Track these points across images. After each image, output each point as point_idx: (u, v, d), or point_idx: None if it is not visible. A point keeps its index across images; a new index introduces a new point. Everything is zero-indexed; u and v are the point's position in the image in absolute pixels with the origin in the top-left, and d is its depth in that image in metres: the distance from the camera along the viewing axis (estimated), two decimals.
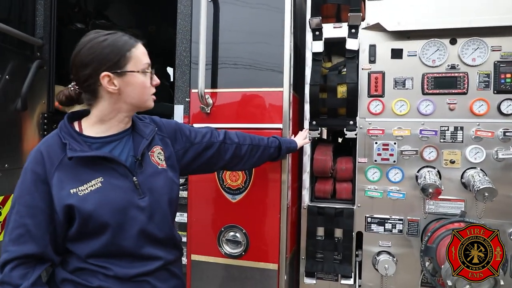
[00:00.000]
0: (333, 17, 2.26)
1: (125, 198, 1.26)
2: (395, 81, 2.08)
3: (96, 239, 1.24)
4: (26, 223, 1.18)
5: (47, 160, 1.21)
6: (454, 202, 2.02)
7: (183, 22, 2.28)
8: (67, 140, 1.22)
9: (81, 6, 4.03)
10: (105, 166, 1.25)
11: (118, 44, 1.25)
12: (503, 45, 1.97)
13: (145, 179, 1.31)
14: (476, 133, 1.97)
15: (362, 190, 2.11)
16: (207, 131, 1.67)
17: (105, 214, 1.22)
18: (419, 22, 2.03)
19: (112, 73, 1.23)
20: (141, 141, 1.35)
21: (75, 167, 1.22)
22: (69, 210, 1.20)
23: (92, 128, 1.29)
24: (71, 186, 1.20)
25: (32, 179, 1.20)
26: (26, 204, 1.19)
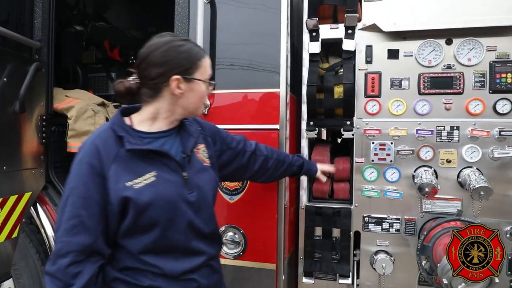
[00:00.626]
0: (329, 18, 2.27)
1: (176, 192, 1.31)
2: (391, 81, 2.09)
3: (148, 234, 1.28)
4: (81, 214, 1.21)
5: (103, 153, 1.24)
6: (451, 201, 2.03)
7: (180, 24, 2.28)
8: (123, 134, 1.27)
9: (79, 9, 4.05)
10: (158, 160, 1.30)
11: (193, 52, 1.34)
12: (498, 45, 1.98)
13: (193, 175, 1.37)
14: (472, 133, 1.98)
15: (359, 190, 2.12)
16: (241, 139, 1.76)
17: (159, 208, 1.26)
18: (415, 23, 2.04)
19: (182, 77, 1.31)
20: (188, 139, 1.41)
21: (130, 160, 1.26)
22: (125, 202, 1.23)
23: (142, 124, 1.35)
24: (127, 179, 1.24)
25: (89, 172, 1.22)
26: (81, 195, 1.21)
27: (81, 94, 3.02)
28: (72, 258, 1.19)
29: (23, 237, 2.54)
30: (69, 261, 1.18)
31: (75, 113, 2.72)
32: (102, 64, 3.96)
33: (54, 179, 2.68)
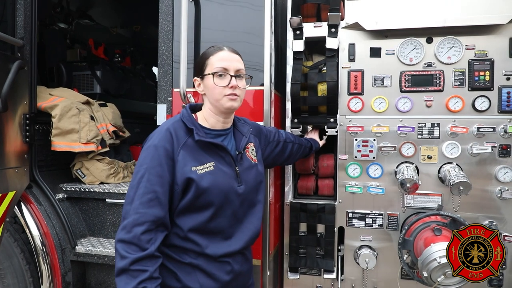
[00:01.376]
0: (313, 16, 2.30)
1: (229, 183, 1.51)
2: (374, 79, 2.13)
3: (201, 213, 1.47)
4: (157, 190, 1.39)
5: (175, 140, 1.45)
6: (432, 196, 2.08)
7: (165, 22, 2.29)
8: (193, 126, 1.48)
9: (63, 6, 4.00)
10: (217, 153, 1.52)
11: (206, 53, 1.55)
12: (477, 44, 2.03)
13: (242, 170, 1.58)
14: (452, 129, 2.03)
15: (343, 186, 2.16)
16: (275, 131, 1.94)
17: (214, 193, 1.46)
18: (396, 21, 2.08)
19: (199, 78, 1.55)
20: (241, 138, 1.62)
21: (196, 150, 1.47)
22: (188, 183, 1.43)
23: (203, 121, 1.58)
24: (192, 164, 1.45)
25: (164, 154, 1.41)
26: (157, 174, 1.39)
27: (65, 93, 2.98)
28: (147, 226, 1.35)
29: (7, 237, 2.51)
30: (144, 229, 1.35)
31: (59, 112, 2.69)
32: (87, 62, 3.93)
33: (39, 178, 2.65)
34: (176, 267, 1.48)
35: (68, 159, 2.95)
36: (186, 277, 1.47)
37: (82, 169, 2.89)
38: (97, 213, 2.80)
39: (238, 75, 1.53)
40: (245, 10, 2.16)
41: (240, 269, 1.60)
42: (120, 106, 3.48)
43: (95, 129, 2.89)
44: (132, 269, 1.31)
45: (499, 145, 2.00)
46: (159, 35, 2.30)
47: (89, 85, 3.83)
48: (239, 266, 1.59)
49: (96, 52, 4.37)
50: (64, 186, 2.81)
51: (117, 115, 3.29)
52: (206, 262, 1.49)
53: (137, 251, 1.33)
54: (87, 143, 2.81)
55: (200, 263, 1.48)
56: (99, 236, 2.79)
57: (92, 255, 2.57)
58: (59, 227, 2.61)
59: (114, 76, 4.16)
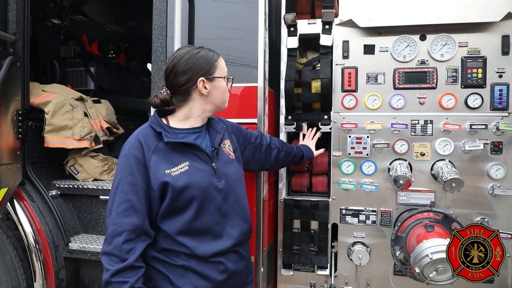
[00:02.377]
0: (307, 13, 2.30)
1: (207, 179, 1.51)
2: (367, 76, 2.13)
3: (183, 214, 1.48)
4: (131, 198, 1.40)
5: (145, 146, 1.46)
6: (424, 193, 2.09)
7: (158, 18, 2.27)
8: (161, 130, 1.49)
9: (56, 2, 3.96)
10: (191, 152, 1.52)
11: (209, 55, 1.56)
12: (470, 41, 2.04)
13: (220, 165, 1.58)
14: (445, 126, 2.04)
15: (337, 183, 2.17)
16: (258, 134, 1.94)
17: (191, 191, 1.47)
18: (390, 19, 2.08)
19: (205, 79, 1.53)
20: (216, 135, 1.63)
21: (167, 152, 1.48)
22: (164, 187, 1.44)
23: (177, 123, 1.58)
24: (165, 167, 1.45)
25: (134, 162, 1.43)
26: (129, 183, 1.41)
27: (58, 89, 2.96)
28: (126, 236, 1.38)
29: None
30: (123, 239, 1.37)
31: (52, 108, 2.67)
32: (81, 59, 3.90)
33: (31, 174, 2.63)
34: (169, 271, 1.49)
35: (61, 155, 2.93)
36: (179, 279, 1.48)
37: (75, 165, 2.88)
38: (90, 209, 2.79)
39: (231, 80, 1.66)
40: (239, 7, 2.16)
41: (235, 267, 1.59)
42: (114, 103, 3.46)
43: (89, 126, 2.87)
44: (114, 281, 1.35)
45: (491, 142, 2.01)
46: (153, 31, 2.29)
47: (83, 81, 3.80)
48: (233, 265, 1.58)
49: (90, 48, 4.34)
50: (57, 183, 2.79)
51: (111, 112, 3.27)
52: (198, 263, 1.50)
53: (118, 262, 1.36)
54: (81, 140, 2.79)
55: (192, 264, 1.49)
56: (92, 233, 2.79)
57: (86, 251, 2.56)
58: (52, 224, 2.60)
59: (108, 72, 4.13)
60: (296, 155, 2.07)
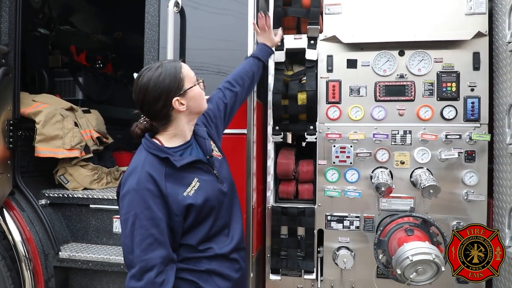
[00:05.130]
0: (293, 29, 2.42)
1: (215, 188, 1.56)
2: (350, 89, 2.25)
3: (203, 225, 1.51)
4: (153, 232, 1.38)
5: (156, 177, 1.42)
6: (405, 199, 2.21)
7: (150, 32, 2.35)
8: (165, 155, 1.46)
9: (45, 12, 3.99)
10: (194, 167, 1.53)
11: (171, 71, 1.49)
12: (444, 57, 2.19)
13: (218, 170, 1.62)
14: (422, 136, 2.17)
15: (322, 190, 2.27)
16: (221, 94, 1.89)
17: (210, 203, 1.51)
18: (371, 35, 2.22)
19: (179, 96, 1.48)
20: (204, 142, 1.63)
21: (176, 175, 1.47)
22: (188, 209, 1.45)
23: (170, 141, 1.54)
24: (182, 190, 1.46)
25: (149, 195, 1.39)
26: (147, 217, 1.38)
27: (48, 99, 3.00)
28: (157, 270, 1.36)
29: None
30: (155, 273, 1.35)
31: (43, 118, 2.71)
32: (69, 69, 3.93)
33: (21, 184, 2.65)
34: (196, 276, 1.51)
35: (51, 165, 2.95)
36: (205, 284, 1.51)
37: (65, 175, 2.91)
38: (80, 218, 2.81)
39: None
40: (229, 21, 2.26)
41: (244, 265, 1.68)
42: (102, 112, 3.50)
43: (79, 135, 2.91)
44: None
45: (465, 151, 2.15)
46: (145, 44, 2.36)
47: (71, 91, 3.83)
48: (244, 262, 1.66)
49: (78, 58, 4.37)
50: (47, 192, 2.81)
51: (100, 122, 3.31)
52: (219, 264, 1.54)
53: None
54: (71, 149, 2.83)
55: (215, 267, 1.53)
56: (82, 242, 2.80)
57: (76, 260, 2.59)
58: (42, 233, 2.62)
59: (96, 82, 4.17)
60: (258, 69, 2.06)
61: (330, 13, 2.27)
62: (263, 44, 2.11)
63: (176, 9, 2.15)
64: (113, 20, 5.17)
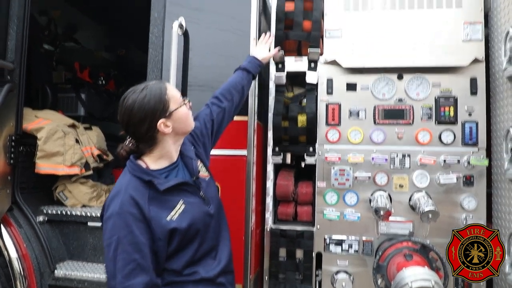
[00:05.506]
0: (294, 51, 2.46)
1: (201, 210, 1.54)
2: (350, 112, 2.28)
3: (188, 249, 1.48)
4: (135, 258, 1.35)
5: (140, 200, 1.40)
6: (403, 223, 2.20)
7: (154, 52, 2.40)
8: (149, 178, 1.44)
9: (51, 29, 4.07)
10: (180, 189, 1.50)
11: (156, 93, 1.47)
12: (442, 82, 2.23)
13: (205, 191, 1.59)
14: (421, 160, 2.18)
15: (321, 213, 2.26)
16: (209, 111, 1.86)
17: (195, 226, 1.48)
18: (370, 60, 2.26)
19: (164, 118, 1.46)
20: (191, 162, 1.60)
21: (161, 198, 1.45)
22: (171, 233, 1.43)
23: (156, 163, 1.52)
24: (166, 214, 1.43)
25: (132, 219, 1.37)
26: (130, 242, 1.36)
27: (51, 115, 3.02)
28: None
29: None
30: None
31: (45, 134, 2.73)
32: (72, 85, 3.97)
33: (20, 200, 2.65)
34: None
35: (51, 181, 2.96)
36: None
37: (64, 191, 2.91)
38: (77, 236, 2.80)
39: None
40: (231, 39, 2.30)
41: None
42: (104, 129, 3.52)
43: (80, 152, 2.92)
44: None
45: (464, 176, 2.16)
46: (148, 64, 2.41)
47: (74, 107, 3.86)
48: (231, 287, 1.63)
49: (81, 75, 4.42)
50: (45, 209, 2.81)
51: (101, 139, 3.33)
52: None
53: None
54: (71, 166, 2.84)
55: None
56: (78, 260, 2.78)
57: (71, 279, 2.56)
58: (39, 250, 2.60)
59: (98, 99, 4.21)
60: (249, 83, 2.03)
61: (331, 37, 2.32)
62: (252, 56, 2.11)
63: (180, 31, 2.19)
64: (117, 38, 5.26)
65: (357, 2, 2.31)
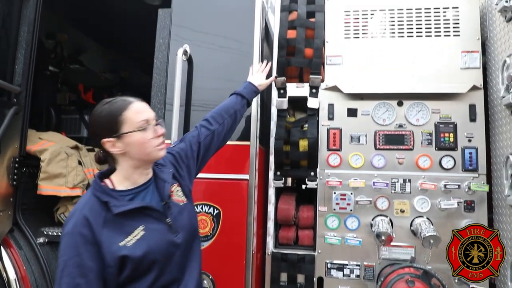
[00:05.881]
0: (296, 77, 2.51)
1: (164, 239, 1.41)
2: (351, 137, 2.31)
3: (145, 278, 1.36)
4: (79, 282, 1.26)
5: (93, 221, 1.31)
6: (405, 249, 2.20)
7: (158, 77, 2.45)
8: (106, 199, 1.35)
9: (57, 52, 4.15)
10: (143, 214, 1.39)
11: (112, 111, 1.39)
12: (441, 108, 2.27)
13: (174, 218, 1.46)
14: (422, 186, 2.20)
15: (322, 237, 2.26)
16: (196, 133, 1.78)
17: (151, 256, 1.35)
18: (371, 86, 2.31)
19: (111, 138, 1.37)
20: (164, 186, 1.48)
21: (118, 221, 1.34)
22: (123, 261, 1.31)
23: (122, 183, 1.42)
24: (119, 239, 1.32)
25: (81, 241, 1.28)
26: (76, 264, 1.26)
27: (54, 137, 3.05)
28: None
29: None
30: None
31: (49, 156, 2.75)
32: (76, 106, 4.02)
33: (21, 221, 2.64)
34: None
35: (52, 202, 2.96)
36: None
37: (66, 213, 2.90)
38: None
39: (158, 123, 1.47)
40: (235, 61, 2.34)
41: None
42: None
43: (82, 174, 2.94)
44: None
45: (464, 201, 2.17)
46: (152, 88, 2.45)
47: (77, 128, 3.89)
48: None
49: (85, 96, 4.48)
50: (46, 230, 2.79)
51: None
52: None
53: None
54: (73, 188, 2.84)
55: None
56: None
57: None
58: (38, 273, 2.58)
59: None
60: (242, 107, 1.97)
61: (332, 64, 2.38)
62: (249, 82, 2.07)
63: (184, 57, 2.25)
64: (121, 59, 5.36)
65: (358, 31, 2.38)
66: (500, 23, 2.18)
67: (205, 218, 2.19)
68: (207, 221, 2.18)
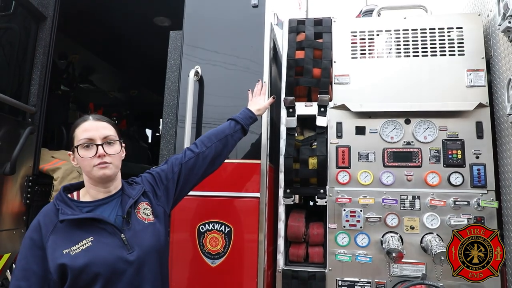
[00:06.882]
0: (304, 96, 2.56)
1: (113, 253, 1.40)
2: (359, 154, 2.34)
3: None
4: (20, 285, 1.32)
5: (43, 227, 1.38)
6: (416, 265, 2.20)
7: (170, 97, 2.51)
8: (60, 206, 1.41)
9: (69, 72, 4.26)
10: (95, 226, 1.42)
11: (72, 127, 1.53)
12: (449, 126, 2.30)
13: (132, 235, 1.46)
14: (431, 202, 2.21)
15: (333, 254, 2.27)
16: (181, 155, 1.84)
17: (94, 269, 1.35)
18: (378, 105, 2.35)
19: (70, 151, 1.52)
20: (127, 201, 1.52)
21: (69, 230, 1.38)
22: (62, 269, 1.34)
23: (85, 196, 1.52)
24: (64, 247, 1.36)
25: (29, 245, 1.36)
26: (21, 268, 1.34)
27: (66, 155, 3.10)
28: None
29: None
30: None
31: (61, 175, 2.80)
32: None
33: None
34: None
35: None
36: None
37: None
38: None
39: (107, 142, 1.49)
40: (245, 91, 2.40)
41: None
42: None
43: None
44: None
45: (474, 217, 2.17)
46: (164, 108, 2.51)
47: None
48: None
49: None
50: None
51: None
52: None
53: None
54: None
55: None
56: None
57: None
58: None
59: None
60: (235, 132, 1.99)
61: (339, 83, 2.43)
62: (246, 108, 2.13)
63: (196, 78, 2.32)
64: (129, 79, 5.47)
65: (364, 51, 2.45)
66: (503, 42, 2.23)
67: (217, 236, 2.21)
68: (218, 239, 2.20)
